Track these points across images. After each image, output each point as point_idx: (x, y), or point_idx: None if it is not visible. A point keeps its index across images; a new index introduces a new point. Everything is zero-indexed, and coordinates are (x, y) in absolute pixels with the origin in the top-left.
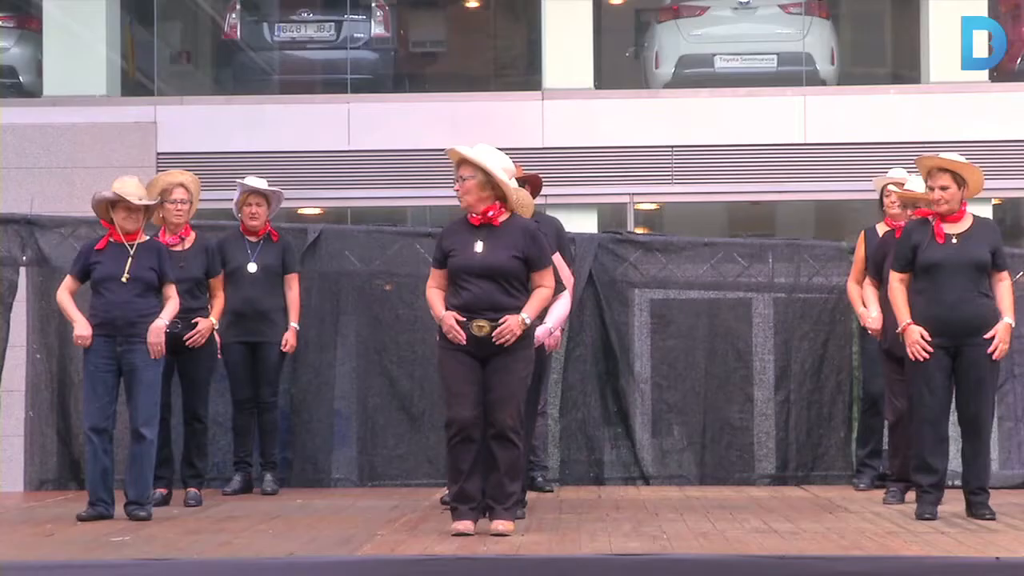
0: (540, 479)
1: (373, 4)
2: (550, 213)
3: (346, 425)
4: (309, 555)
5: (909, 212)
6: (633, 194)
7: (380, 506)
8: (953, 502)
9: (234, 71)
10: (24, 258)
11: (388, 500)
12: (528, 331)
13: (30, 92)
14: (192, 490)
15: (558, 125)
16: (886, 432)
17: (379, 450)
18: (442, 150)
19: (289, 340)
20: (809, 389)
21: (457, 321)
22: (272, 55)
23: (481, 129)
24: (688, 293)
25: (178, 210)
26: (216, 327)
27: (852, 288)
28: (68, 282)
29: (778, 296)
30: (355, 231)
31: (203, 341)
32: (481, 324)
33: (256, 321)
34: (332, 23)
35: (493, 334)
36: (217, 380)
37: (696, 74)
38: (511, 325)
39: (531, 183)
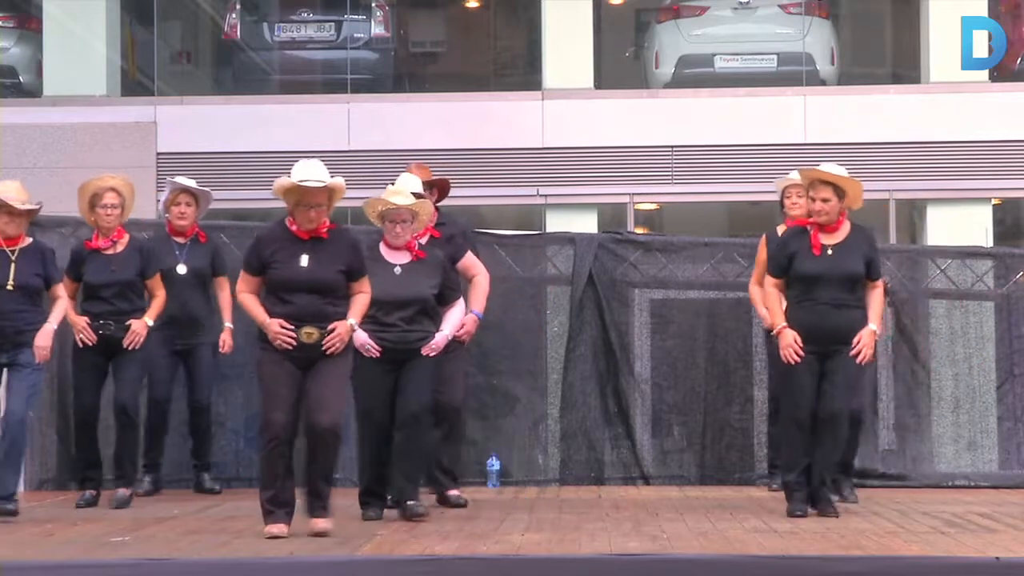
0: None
1: (373, 4)
2: (549, 213)
3: (346, 425)
4: (309, 555)
5: None
6: (633, 194)
7: None
8: (953, 502)
9: (234, 71)
10: None
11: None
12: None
13: (30, 92)
14: (120, 490)
15: (558, 125)
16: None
17: None
18: (444, 150)
19: (227, 341)
20: None
21: (284, 327)
22: (272, 55)
23: (481, 129)
24: (688, 293)
25: (108, 214)
26: (151, 327)
27: (754, 291)
28: None
29: None
30: (355, 231)
31: (140, 342)
32: (310, 331)
33: (187, 327)
34: (332, 23)
35: (324, 342)
36: (219, 380)
37: (696, 74)
38: (341, 333)
39: (439, 187)
